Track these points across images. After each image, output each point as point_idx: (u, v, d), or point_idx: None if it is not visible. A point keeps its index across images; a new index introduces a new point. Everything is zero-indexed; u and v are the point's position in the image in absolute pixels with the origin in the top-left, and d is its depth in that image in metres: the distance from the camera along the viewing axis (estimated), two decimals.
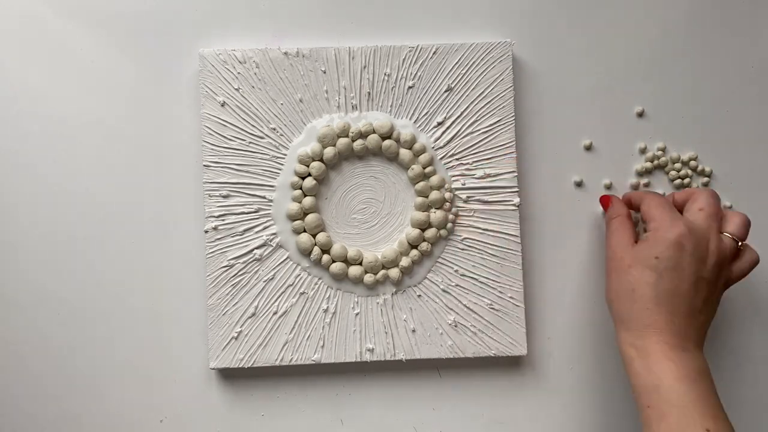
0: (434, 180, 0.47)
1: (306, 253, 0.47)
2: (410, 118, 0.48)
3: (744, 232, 0.42)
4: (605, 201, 0.47)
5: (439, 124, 0.48)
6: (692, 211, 0.42)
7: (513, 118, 0.48)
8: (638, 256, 0.40)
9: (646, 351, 0.39)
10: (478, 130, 0.48)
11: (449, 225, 0.48)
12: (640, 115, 0.50)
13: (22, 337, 0.48)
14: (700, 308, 0.40)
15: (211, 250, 0.47)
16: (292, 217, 0.47)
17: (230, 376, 0.48)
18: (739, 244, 0.41)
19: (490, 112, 0.48)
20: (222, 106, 0.47)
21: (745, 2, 0.50)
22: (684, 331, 0.39)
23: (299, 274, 0.47)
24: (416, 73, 0.48)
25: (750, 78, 0.50)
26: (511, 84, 0.48)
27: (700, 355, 0.39)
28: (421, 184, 0.47)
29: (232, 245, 0.47)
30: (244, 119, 0.47)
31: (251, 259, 0.47)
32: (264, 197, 0.47)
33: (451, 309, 0.47)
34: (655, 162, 0.50)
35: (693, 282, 0.39)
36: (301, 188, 0.47)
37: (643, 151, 0.50)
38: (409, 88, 0.48)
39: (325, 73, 0.48)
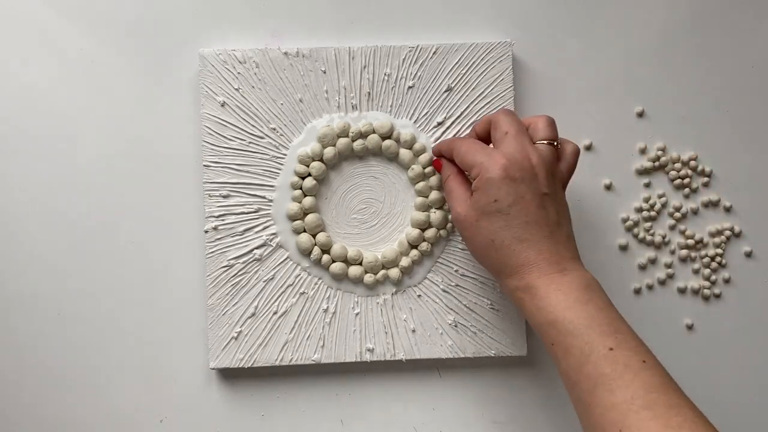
0: (434, 180, 0.47)
1: (306, 253, 0.47)
2: (410, 118, 0.48)
3: (553, 131, 0.41)
4: (437, 165, 0.46)
5: (439, 124, 0.48)
6: (499, 138, 0.40)
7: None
8: (479, 207, 0.39)
9: (531, 289, 0.38)
10: None
11: (449, 225, 0.48)
12: (640, 115, 0.50)
13: (21, 336, 0.48)
14: (557, 221, 0.39)
15: (211, 250, 0.47)
16: (292, 217, 0.47)
17: (230, 376, 0.48)
18: (555, 144, 0.40)
19: (490, 112, 0.48)
20: (222, 106, 0.47)
21: (745, 2, 0.50)
22: (555, 252, 0.38)
23: (299, 274, 0.47)
24: (416, 73, 0.48)
25: (750, 78, 0.50)
26: (511, 84, 0.48)
27: (581, 268, 0.39)
28: (421, 184, 0.47)
29: (232, 245, 0.47)
30: (244, 119, 0.47)
31: (251, 259, 0.47)
32: (264, 197, 0.47)
33: (451, 309, 0.47)
34: (655, 162, 0.50)
35: (538, 203, 0.38)
36: (301, 188, 0.47)
37: (643, 151, 0.50)
38: (409, 88, 0.48)
39: (325, 73, 0.48)
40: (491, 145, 0.41)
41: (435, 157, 0.46)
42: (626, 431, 0.33)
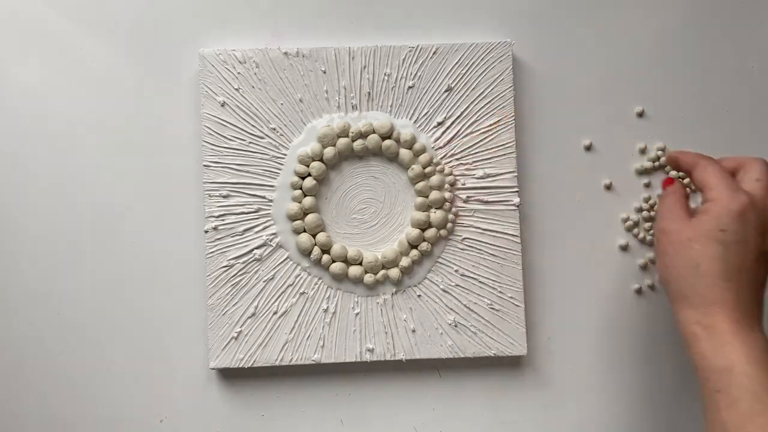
0: (434, 180, 0.47)
1: (306, 253, 0.47)
2: (410, 118, 0.48)
3: None
4: (668, 182, 0.45)
5: (439, 124, 0.48)
6: (748, 181, 0.39)
7: (513, 118, 0.48)
8: (700, 229, 0.38)
9: (714, 330, 0.36)
10: (478, 130, 0.48)
11: (449, 225, 0.48)
12: (640, 115, 0.50)
13: (21, 336, 0.48)
14: (763, 283, 0.38)
15: (211, 250, 0.47)
16: (292, 217, 0.47)
17: (230, 376, 0.48)
18: None
19: (490, 112, 0.48)
20: (222, 106, 0.47)
21: (745, 2, 0.50)
22: (751, 309, 0.37)
23: (299, 274, 0.47)
24: (416, 73, 0.48)
25: (750, 78, 0.50)
26: (511, 84, 0.48)
27: (764, 334, 0.38)
28: (421, 184, 0.47)
29: (232, 245, 0.47)
30: (244, 119, 0.47)
31: (251, 259, 0.47)
32: (264, 197, 0.47)
33: (451, 309, 0.47)
34: (655, 162, 0.50)
35: (757, 256, 0.37)
36: (301, 188, 0.47)
37: (643, 151, 0.50)
38: (409, 88, 0.48)
39: (325, 73, 0.48)
40: None
41: (668, 175, 0.47)
42: None
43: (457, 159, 0.48)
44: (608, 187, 0.50)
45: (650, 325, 0.49)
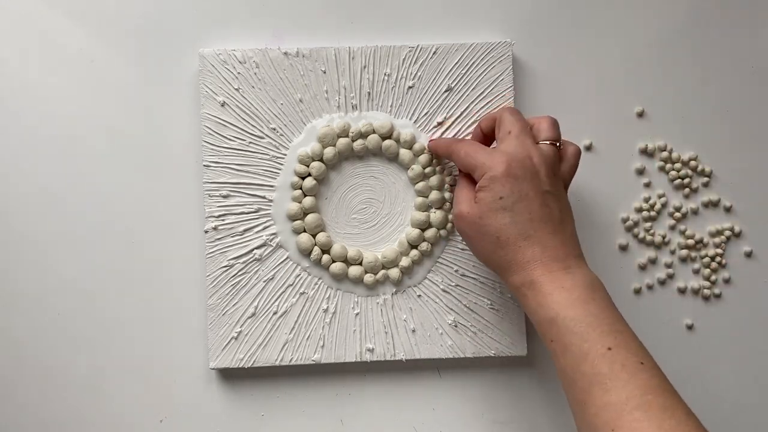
0: (434, 180, 0.47)
1: (306, 253, 0.47)
2: (410, 118, 0.48)
3: (556, 132, 0.41)
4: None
5: (439, 124, 0.48)
6: (502, 137, 0.41)
7: None
8: (483, 206, 0.39)
9: (535, 285, 0.38)
10: None
11: (449, 225, 0.48)
12: (640, 115, 0.50)
13: (22, 336, 0.48)
14: (561, 219, 0.39)
15: (211, 250, 0.47)
16: (292, 217, 0.47)
17: (230, 376, 0.48)
18: (558, 145, 0.41)
19: (490, 112, 0.48)
20: (222, 106, 0.47)
21: (745, 2, 0.50)
22: (560, 249, 0.39)
23: (299, 274, 0.47)
24: (416, 73, 0.48)
25: (750, 78, 0.50)
26: (511, 84, 0.48)
27: (585, 267, 0.39)
28: (421, 184, 0.47)
29: (232, 245, 0.47)
30: (244, 119, 0.47)
31: (251, 259, 0.47)
32: (264, 197, 0.47)
33: (451, 309, 0.47)
34: (655, 162, 0.50)
35: (541, 201, 0.39)
36: (301, 188, 0.47)
37: (643, 151, 0.50)
38: (409, 88, 0.48)
39: (325, 73, 0.48)
40: (494, 144, 0.42)
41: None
42: (618, 431, 0.33)
43: None
44: (608, 187, 0.49)
45: (649, 325, 0.49)
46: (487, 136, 0.44)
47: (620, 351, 0.35)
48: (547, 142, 0.41)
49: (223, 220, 0.47)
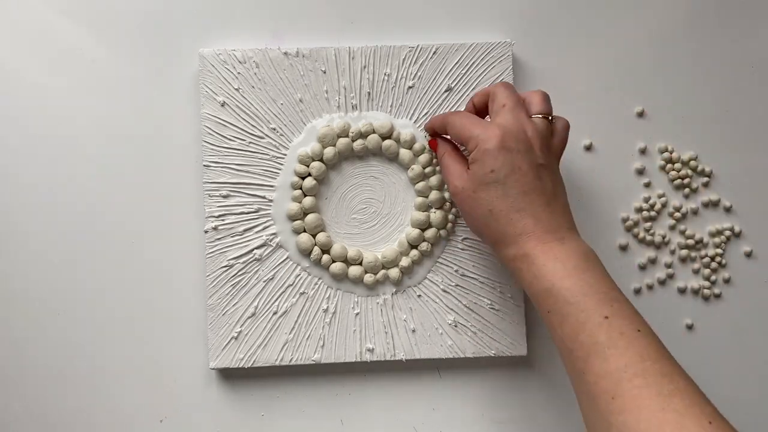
0: (434, 180, 0.47)
1: (306, 253, 0.47)
2: (410, 118, 0.48)
3: (548, 106, 0.42)
4: (432, 145, 0.46)
5: None
6: (496, 110, 0.41)
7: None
8: (476, 179, 0.40)
9: (529, 257, 0.38)
10: None
11: (449, 225, 0.48)
12: (640, 115, 0.50)
13: (22, 336, 0.48)
14: (553, 191, 0.40)
15: (211, 250, 0.47)
16: (292, 217, 0.47)
17: (230, 376, 0.48)
18: (550, 118, 0.41)
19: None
20: (222, 106, 0.47)
21: (745, 2, 0.50)
22: (553, 221, 0.39)
23: (299, 274, 0.47)
24: (416, 73, 0.48)
25: (750, 78, 0.50)
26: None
27: (578, 238, 0.39)
28: (421, 184, 0.47)
29: (232, 245, 0.47)
30: (244, 119, 0.47)
31: (251, 259, 0.47)
32: (264, 197, 0.47)
33: (451, 309, 0.47)
34: (656, 162, 0.50)
35: (534, 174, 0.39)
36: (301, 188, 0.47)
37: (643, 151, 0.50)
38: (409, 88, 0.48)
39: (325, 73, 0.48)
40: (488, 118, 0.42)
41: (429, 138, 0.47)
42: (618, 399, 0.33)
43: None
44: (608, 187, 0.49)
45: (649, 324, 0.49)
46: (480, 112, 0.44)
47: (617, 319, 0.36)
48: (540, 116, 0.41)
49: (223, 220, 0.47)
